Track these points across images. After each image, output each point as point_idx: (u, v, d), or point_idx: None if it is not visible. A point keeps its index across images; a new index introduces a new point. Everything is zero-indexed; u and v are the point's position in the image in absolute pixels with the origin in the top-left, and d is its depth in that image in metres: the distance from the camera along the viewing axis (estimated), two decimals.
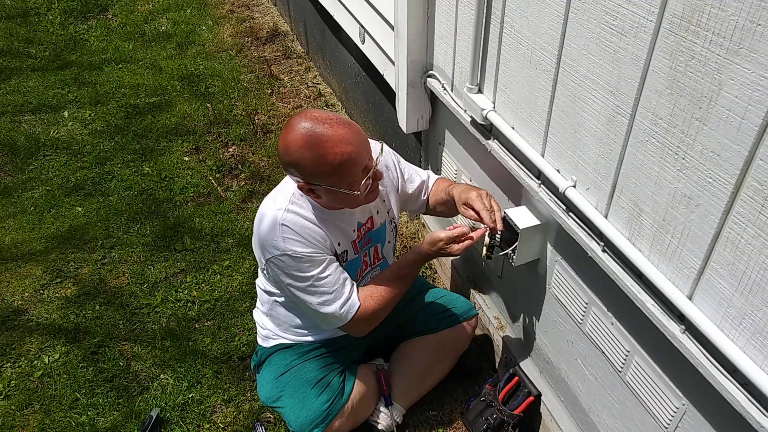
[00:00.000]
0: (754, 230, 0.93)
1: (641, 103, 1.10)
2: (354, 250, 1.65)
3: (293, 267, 1.51)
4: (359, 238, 1.67)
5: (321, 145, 1.34)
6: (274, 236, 1.49)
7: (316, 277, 1.52)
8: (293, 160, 1.37)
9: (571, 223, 1.41)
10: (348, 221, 1.61)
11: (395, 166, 1.76)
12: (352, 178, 1.42)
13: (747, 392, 1.01)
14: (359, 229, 1.66)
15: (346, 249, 1.62)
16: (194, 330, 2.23)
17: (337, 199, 1.49)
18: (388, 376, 1.87)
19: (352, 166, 1.39)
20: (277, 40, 4.15)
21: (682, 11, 0.96)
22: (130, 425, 1.92)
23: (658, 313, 1.17)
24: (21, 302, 2.34)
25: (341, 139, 1.35)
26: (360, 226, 1.66)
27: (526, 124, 1.52)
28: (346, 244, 1.62)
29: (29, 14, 4.49)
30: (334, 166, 1.36)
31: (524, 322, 1.87)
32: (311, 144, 1.34)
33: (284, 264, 1.51)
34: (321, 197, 1.49)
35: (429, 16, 1.89)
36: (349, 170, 1.39)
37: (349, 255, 1.64)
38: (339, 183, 1.41)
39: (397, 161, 1.78)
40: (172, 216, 2.72)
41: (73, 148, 3.15)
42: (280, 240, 1.49)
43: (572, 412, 1.72)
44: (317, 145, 1.34)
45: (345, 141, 1.36)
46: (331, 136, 1.35)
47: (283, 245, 1.49)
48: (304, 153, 1.35)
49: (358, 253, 1.67)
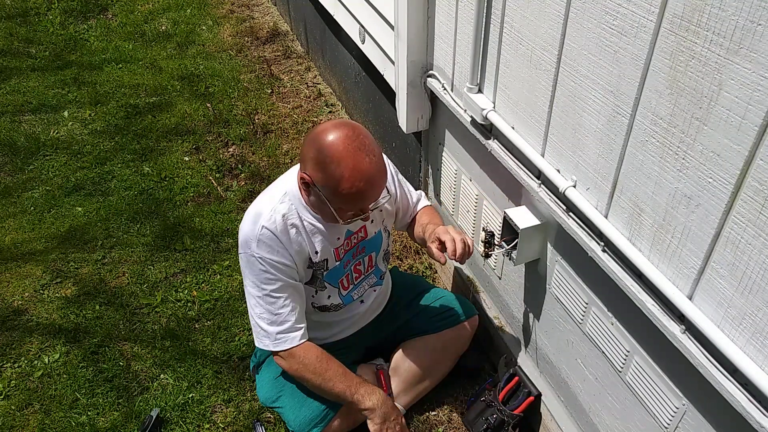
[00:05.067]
0: (754, 230, 0.93)
1: (641, 103, 1.10)
2: (336, 257, 1.65)
3: (255, 273, 1.54)
4: (349, 246, 1.67)
5: (347, 168, 1.35)
6: (252, 236, 1.52)
7: (271, 291, 1.54)
8: (321, 160, 1.37)
9: (571, 223, 1.40)
10: (335, 229, 1.60)
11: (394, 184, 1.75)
12: (347, 208, 1.45)
13: (747, 392, 1.01)
14: (349, 238, 1.66)
15: (326, 257, 1.62)
16: (194, 330, 2.23)
17: (320, 210, 1.52)
18: (388, 375, 1.87)
19: (354, 203, 1.43)
20: (277, 40, 4.15)
21: (682, 11, 0.96)
22: (130, 425, 1.92)
23: (658, 313, 1.17)
24: (21, 302, 2.33)
25: (365, 177, 1.37)
26: (350, 235, 1.66)
27: (526, 124, 1.51)
28: (327, 252, 1.62)
29: (29, 14, 4.49)
30: (342, 191, 1.38)
31: (524, 322, 1.87)
32: (340, 159, 1.35)
33: (251, 266, 1.54)
34: (310, 197, 1.50)
35: (429, 16, 1.89)
36: (349, 204, 1.43)
37: (329, 263, 1.64)
38: (333, 202, 1.43)
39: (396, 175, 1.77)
40: (172, 216, 2.72)
41: (73, 148, 3.15)
42: (254, 241, 1.52)
43: (572, 412, 1.72)
44: (344, 166, 1.35)
45: (367, 180, 1.37)
46: (360, 169, 1.36)
47: (256, 247, 1.51)
48: (328, 163, 1.36)
49: (340, 260, 1.66)
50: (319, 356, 1.61)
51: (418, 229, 1.78)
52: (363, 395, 1.61)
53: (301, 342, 1.59)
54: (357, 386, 1.62)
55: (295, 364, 1.60)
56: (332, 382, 1.60)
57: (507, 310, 1.97)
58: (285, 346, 1.58)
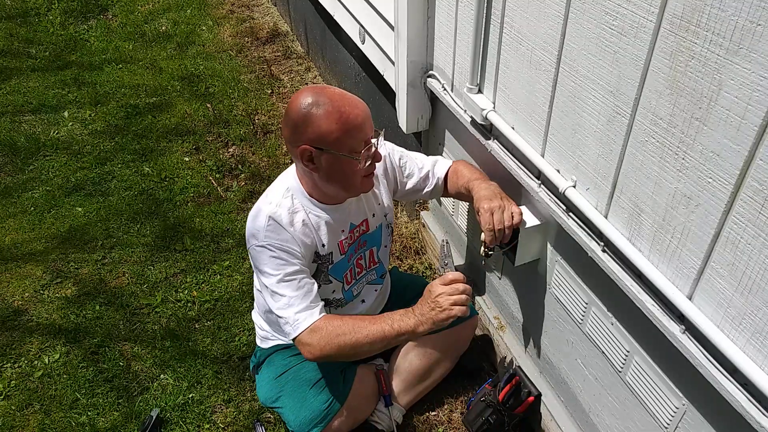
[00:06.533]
0: (754, 230, 0.93)
1: (641, 104, 1.10)
2: (340, 250, 1.65)
3: (266, 262, 1.51)
4: (352, 240, 1.67)
5: (330, 102, 1.40)
6: (259, 227, 1.51)
7: (285, 275, 1.50)
8: (301, 116, 1.39)
9: (571, 223, 1.41)
10: (339, 220, 1.60)
11: (392, 164, 1.75)
12: (355, 143, 1.43)
13: (747, 392, 1.01)
14: (352, 231, 1.66)
15: (331, 251, 1.62)
16: (194, 330, 2.23)
17: (336, 171, 1.47)
18: (387, 376, 1.87)
19: (357, 131, 1.42)
20: (277, 40, 4.15)
21: (682, 11, 0.96)
22: (130, 425, 1.92)
23: (658, 313, 1.17)
24: (21, 302, 2.34)
25: (350, 103, 1.42)
26: (353, 228, 1.66)
27: (526, 124, 1.52)
28: (333, 245, 1.62)
29: (29, 14, 4.49)
30: (341, 123, 1.39)
31: (524, 322, 1.87)
32: (321, 101, 1.39)
33: (261, 255, 1.51)
34: (320, 170, 1.47)
35: (429, 16, 1.89)
36: (353, 133, 1.42)
37: (335, 257, 1.64)
38: (342, 146, 1.42)
39: (399, 158, 1.76)
40: (172, 216, 2.72)
41: (73, 148, 3.15)
42: (261, 231, 1.50)
43: (572, 412, 1.72)
44: (327, 102, 1.39)
45: (354, 105, 1.42)
46: (341, 97, 1.41)
47: (263, 237, 1.50)
48: (313, 109, 1.39)
49: (344, 253, 1.66)
50: (340, 318, 1.52)
51: (461, 187, 1.71)
52: (401, 322, 1.48)
53: (321, 315, 1.51)
54: (389, 320, 1.49)
55: (323, 338, 1.47)
56: (366, 330, 1.47)
57: (507, 310, 1.97)
58: (308, 321, 1.48)
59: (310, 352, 1.49)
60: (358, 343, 1.47)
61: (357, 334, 1.47)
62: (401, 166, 1.77)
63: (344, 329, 1.47)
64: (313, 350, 1.48)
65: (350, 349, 1.48)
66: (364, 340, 1.47)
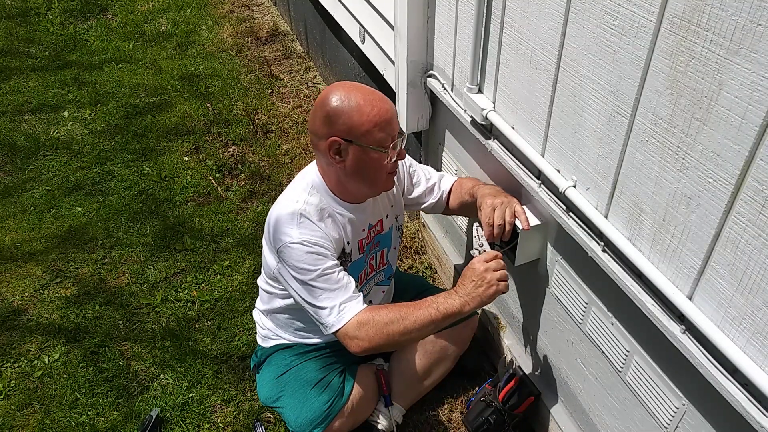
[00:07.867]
0: (754, 230, 0.93)
1: (641, 103, 1.10)
2: (359, 249, 1.65)
3: (302, 258, 1.48)
4: (368, 239, 1.68)
5: (362, 96, 1.43)
6: (291, 224, 1.49)
7: (324, 269, 1.48)
8: (333, 108, 1.42)
9: (571, 223, 1.41)
10: (361, 219, 1.62)
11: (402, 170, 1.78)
12: (384, 137, 1.46)
13: (747, 392, 1.01)
14: (369, 230, 1.67)
15: (352, 249, 1.63)
16: (194, 330, 2.23)
17: (363, 165, 1.48)
18: (388, 376, 1.87)
19: (386, 125, 1.45)
20: (277, 40, 4.15)
21: (682, 11, 0.96)
22: (130, 425, 1.92)
23: (658, 313, 1.17)
24: (21, 302, 2.33)
25: (381, 98, 1.46)
26: (370, 228, 1.67)
27: (526, 124, 1.51)
28: (354, 243, 1.63)
29: (29, 14, 4.49)
30: (372, 116, 1.42)
31: (524, 322, 1.87)
32: (353, 95, 1.43)
33: (295, 252, 1.48)
34: (346, 163, 1.47)
35: (429, 15, 1.89)
36: (383, 127, 1.45)
37: (353, 255, 1.64)
38: (371, 139, 1.44)
39: (409, 165, 1.80)
40: (172, 216, 2.72)
41: (73, 148, 3.15)
42: (295, 227, 1.48)
43: (572, 412, 1.72)
44: (359, 96, 1.43)
45: (384, 101, 1.46)
46: (371, 93, 1.46)
47: (298, 234, 1.48)
48: (345, 101, 1.42)
49: (362, 253, 1.67)
50: (385, 307, 1.50)
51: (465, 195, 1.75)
52: (446, 304, 1.48)
53: (365, 306, 1.50)
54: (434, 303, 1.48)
55: (372, 329, 1.45)
56: (413, 317, 1.46)
57: (507, 310, 1.97)
58: (353, 311, 1.47)
59: (359, 345, 1.47)
60: (407, 330, 1.46)
61: (405, 322, 1.46)
62: (410, 174, 1.80)
63: (392, 317, 1.46)
64: (362, 342, 1.46)
65: (399, 336, 1.47)
66: (413, 326, 1.46)
